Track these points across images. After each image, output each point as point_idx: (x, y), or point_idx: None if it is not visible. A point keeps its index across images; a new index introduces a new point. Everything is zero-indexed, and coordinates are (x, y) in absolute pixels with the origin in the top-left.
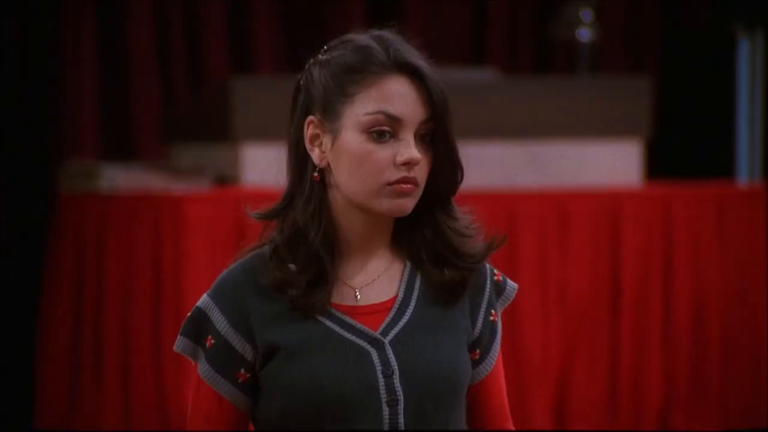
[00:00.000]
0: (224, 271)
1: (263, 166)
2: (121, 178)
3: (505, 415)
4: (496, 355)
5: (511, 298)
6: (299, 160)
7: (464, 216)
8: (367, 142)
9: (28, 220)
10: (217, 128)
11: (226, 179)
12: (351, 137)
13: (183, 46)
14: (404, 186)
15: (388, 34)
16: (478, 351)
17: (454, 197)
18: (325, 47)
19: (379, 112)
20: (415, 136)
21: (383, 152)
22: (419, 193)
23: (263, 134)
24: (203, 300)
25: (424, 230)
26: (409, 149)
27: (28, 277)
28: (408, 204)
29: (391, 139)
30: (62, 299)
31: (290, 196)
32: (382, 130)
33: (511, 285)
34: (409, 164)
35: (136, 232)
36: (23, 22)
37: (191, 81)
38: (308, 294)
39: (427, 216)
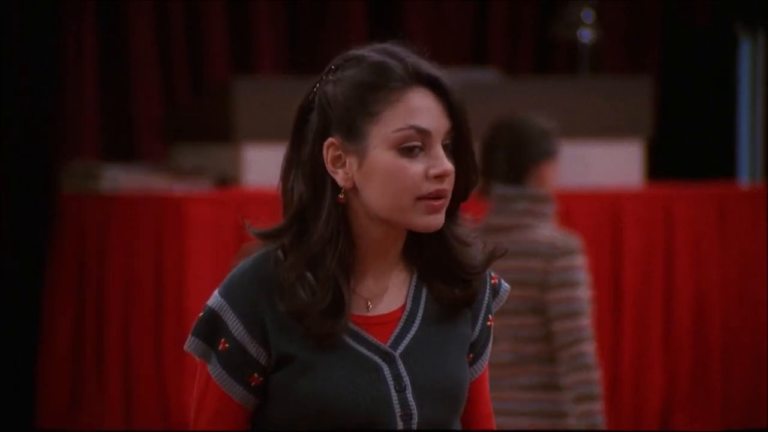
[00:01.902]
0: (234, 270)
1: (264, 167)
2: (122, 179)
3: (488, 418)
4: (487, 358)
5: (504, 300)
6: (316, 184)
7: (466, 223)
8: (398, 159)
9: (30, 220)
10: (218, 129)
11: (227, 180)
12: (381, 155)
13: (184, 46)
14: (436, 203)
15: (393, 47)
16: (472, 355)
17: (464, 202)
18: (332, 66)
19: (409, 128)
20: None
21: (416, 167)
22: (447, 204)
23: (264, 135)
24: (215, 300)
25: (430, 240)
26: (443, 162)
27: (31, 276)
28: (440, 219)
29: (421, 153)
30: (64, 300)
31: (299, 220)
32: (413, 145)
33: (505, 286)
34: (442, 177)
35: (137, 233)
36: (24, 23)
37: (192, 82)
38: (325, 324)
39: None
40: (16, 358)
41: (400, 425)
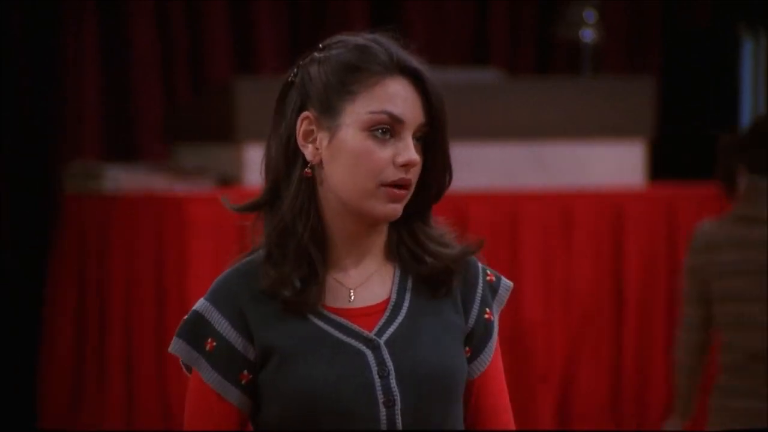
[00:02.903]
0: (219, 277)
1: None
2: (124, 179)
3: (499, 416)
4: (492, 354)
5: (506, 297)
6: (288, 156)
7: (439, 226)
8: (367, 140)
9: (31, 220)
10: (220, 129)
11: (228, 180)
12: (351, 135)
13: (186, 46)
14: (398, 192)
15: (382, 36)
16: (469, 348)
17: (436, 203)
18: (321, 45)
19: (382, 112)
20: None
21: (383, 152)
22: (410, 195)
23: (266, 135)
24: (201, 304)
25: (402, 233)
26: (409, 151)
27: (32, 277)
28: (399, 209)
29: (391, 139)
30: (66, 299)
31: (273, 192)
32: (384, 129)
33: (505, 284)
34: (407, 166)
35: (139, 233)
36: (25, 23)
37: (194, 81)
38: (300, 293)
39: (403, 221)
40: (17, 358)
41: (383, 411)
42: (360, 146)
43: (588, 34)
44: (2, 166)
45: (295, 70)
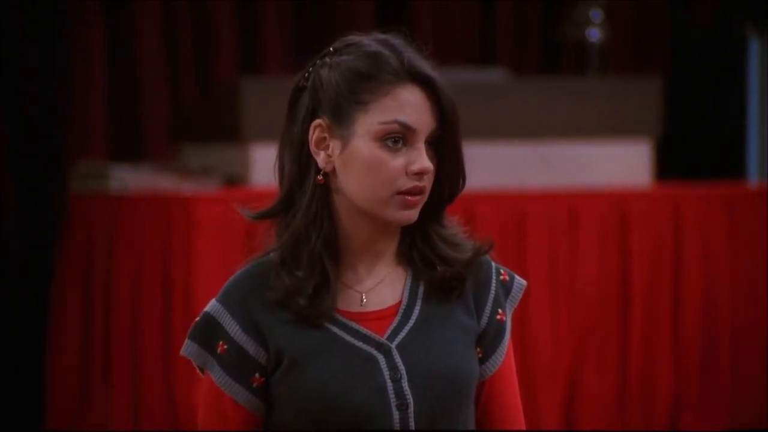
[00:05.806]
0: (231, 278)
1: (272, 167)
2: (130, 179)
3: (512, 416)
4: (503, 354)
5: (520, 296)
6: (301, 163)
7: (452, 225)
8: (379, 150)
9: (38, 220)
10: (227, 129)
11: (235, 180)
12: (363, 144)
13: (192, 46)
14: (412, 198)
15: (394, 39)
16: (480, 349)
17: (450, 205)
18: (331, 49)
19: (394, 122)
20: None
21: (396, 161)
22: (424, 200)
23: (272, 135)
24: (212, 305)
25: (415, 235)
26: (422, 159)
27: (38, 277)
28: (414, 214)
29: (403, 148)
30: (72, 300)
31: (288, 199)
32: (396, 138)
33: (519, 283)
34: (420, 174)
35: (145, 233)
36: (31, 22)
37: (200, 81)
38: (313, 303)
39: (417, 224)
40: (23, 358)
41: (396, 415)
42: (372, 156)
43: (594, 34)
44: (8, 166)
45: (306, 74)
